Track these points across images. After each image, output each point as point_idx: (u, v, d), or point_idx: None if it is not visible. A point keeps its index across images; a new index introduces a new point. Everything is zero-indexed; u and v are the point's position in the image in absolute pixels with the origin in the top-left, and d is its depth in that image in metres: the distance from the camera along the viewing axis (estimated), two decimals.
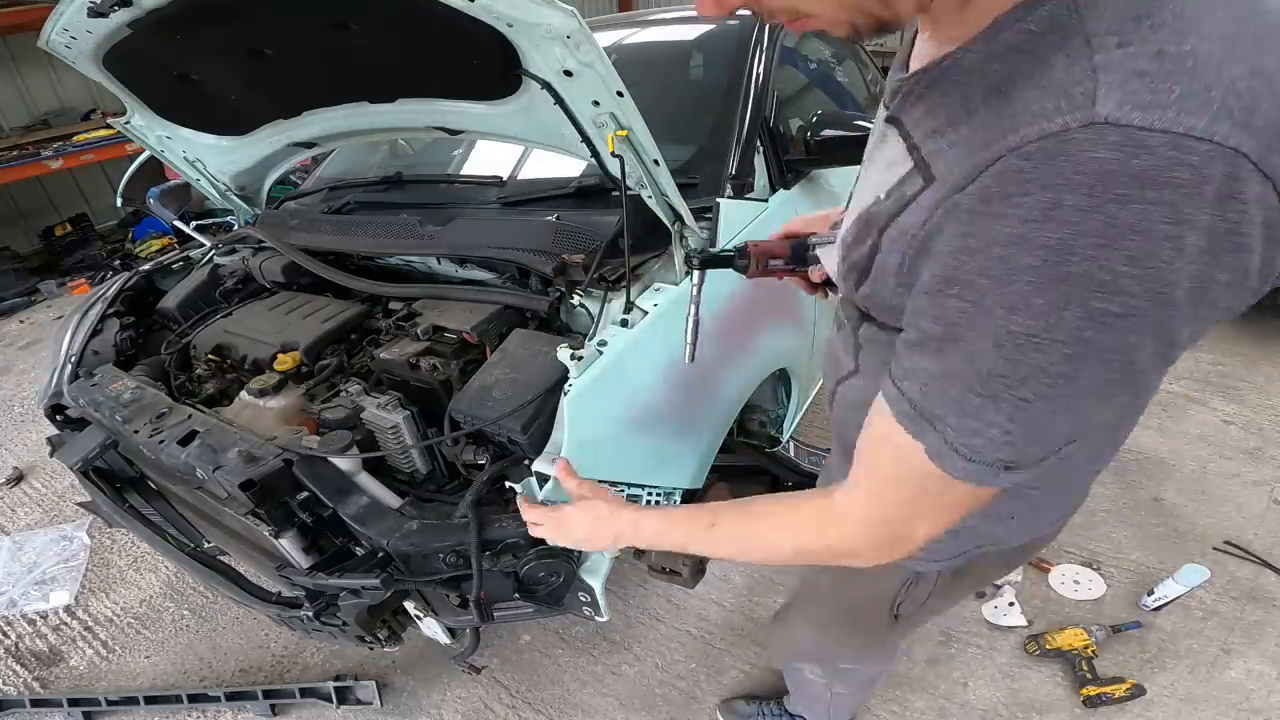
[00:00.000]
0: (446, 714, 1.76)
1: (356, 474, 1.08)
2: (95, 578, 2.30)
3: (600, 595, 1.09)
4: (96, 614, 2.16)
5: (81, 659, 2.02)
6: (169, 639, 2.05)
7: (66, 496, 2.69)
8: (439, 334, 1.25)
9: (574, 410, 0.97)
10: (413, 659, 1.89)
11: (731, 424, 1.34)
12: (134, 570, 2.31)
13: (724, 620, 1.94)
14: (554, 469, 0.86)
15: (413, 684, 1.83)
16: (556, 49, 0.96)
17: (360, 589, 1.01)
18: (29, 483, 2.79)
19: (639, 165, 1.10)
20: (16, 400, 3.44)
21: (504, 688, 1.81)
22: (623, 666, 1.84)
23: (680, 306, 1.10)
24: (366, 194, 1.77)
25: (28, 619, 2.17)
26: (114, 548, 2.40)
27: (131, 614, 2.15)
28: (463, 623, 1.22)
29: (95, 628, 2.12)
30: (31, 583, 2.31)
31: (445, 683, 1.83)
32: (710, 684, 1.77)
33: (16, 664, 2.02)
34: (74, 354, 1.54)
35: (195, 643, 2.03)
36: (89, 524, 2.51)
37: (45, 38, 1.29)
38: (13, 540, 2.48)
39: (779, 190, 1.55)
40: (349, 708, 1.78)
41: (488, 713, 1.76)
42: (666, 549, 0.77)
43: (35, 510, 2.63)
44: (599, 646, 1.90)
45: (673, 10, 2.16)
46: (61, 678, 1.98)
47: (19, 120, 4.83)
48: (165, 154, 1.73)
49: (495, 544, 1.00)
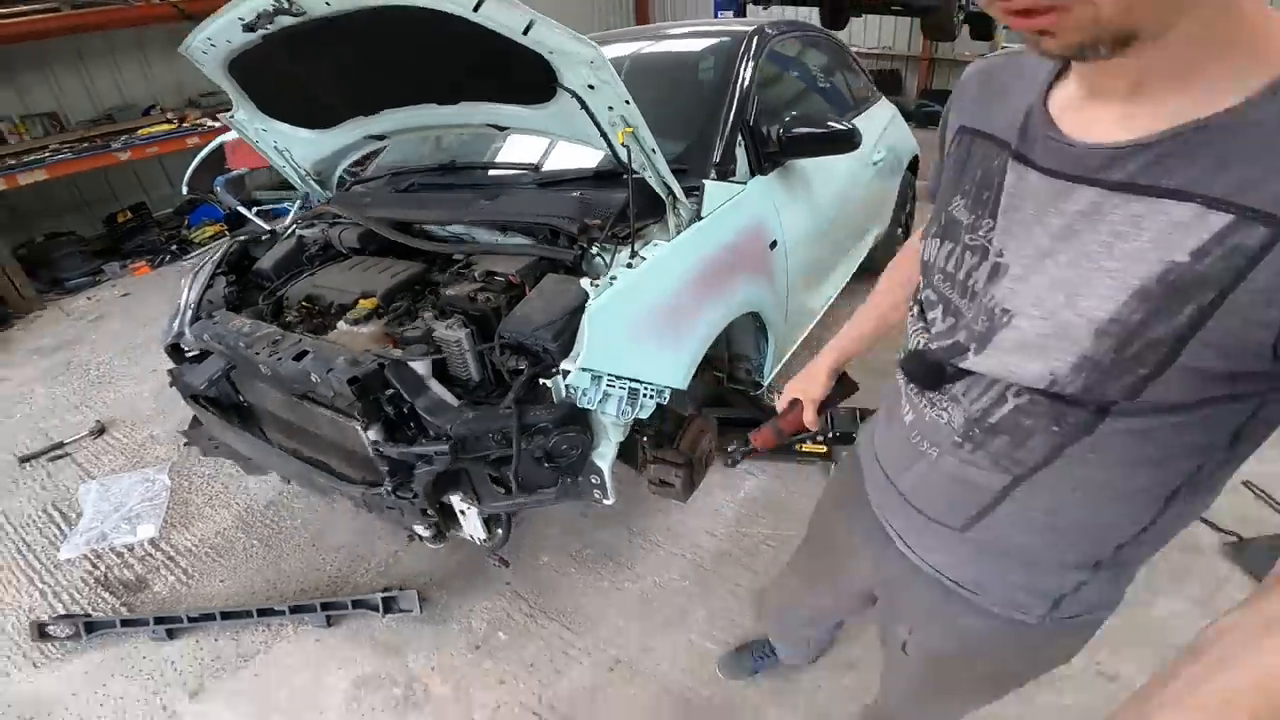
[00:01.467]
0: (474, 621, 2.00)
1: (428, 378, 1.45)
2: (175, 514, 2.54)
3: (608, 478, 1.45)
4: (177, 545, 2.41)
5: (164, 585, 2.24)
6: (240, 565, 2.30)
7: (146, 445, 2.96)
8: (490, 277, 1.62)
9: (592, 322, 1.35)
10: (446, 577, 2.15)
11: (708, 350, 1.70)
12: (209, 507, 2.57)
13: (714, 547, 2.18)
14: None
15: (446, 597, 2.08)
16: (583, 70, 1.35)
17: (433, 455, 1.38)
18: (110, 434, 3.09)
19: (641, 154, 1.47)
20: (91, 365, 3.76)
21: (523, 599, 2.06)
22: (625, 583, 2.09)
23: (669, 255, 1.48)
24: (426, 177, 2.16)
25: (116, 551, 2.39)
26: (191, 488, 2.67)
27: (208, 545, 2.39)
28: (500, 506, 1.58)
29: (176, 557, 2.35)
30: (120, 519, 2.53)
31: (474, 596, 2.08)
32: (699, 599, 2.01)
33: (106, 592, 2.23)
34: (192, 303, 1.92)
35: (263, 568, 2.27)
36: (169, 467, 2.77)
37: (187, 45, 1.65)
38: (100, 483, 2.73)
39: (757, 175, 1.93)
40: (393, 616, 2.00)
41: (509, 620, 1.99)
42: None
43: (118, 458, 2.91)
44: (605, 566, 2.15)
45: (677, 26, 2.55)
46: (146, 602, 2.18)
47: (85, 115, 5.19)
48: (259, 144, 2.09)
49: (530, 427, 1.37)
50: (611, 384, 1.37)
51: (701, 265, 1.65)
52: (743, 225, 1.85)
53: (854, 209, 2.69)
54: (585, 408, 1.38)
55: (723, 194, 1.79)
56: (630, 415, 1.43)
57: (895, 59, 8.27)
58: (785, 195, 2.07)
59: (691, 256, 1.65)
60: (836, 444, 2.38)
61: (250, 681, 1.89)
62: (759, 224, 1.92)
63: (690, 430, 1.73)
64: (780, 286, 2.02)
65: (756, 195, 1.93)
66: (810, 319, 2.55)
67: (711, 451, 1.77)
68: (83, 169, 4.62)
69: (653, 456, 1.70)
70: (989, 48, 7.32)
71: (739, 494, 2.42)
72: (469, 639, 1.95)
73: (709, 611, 1.98)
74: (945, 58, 7.96)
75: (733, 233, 1.80)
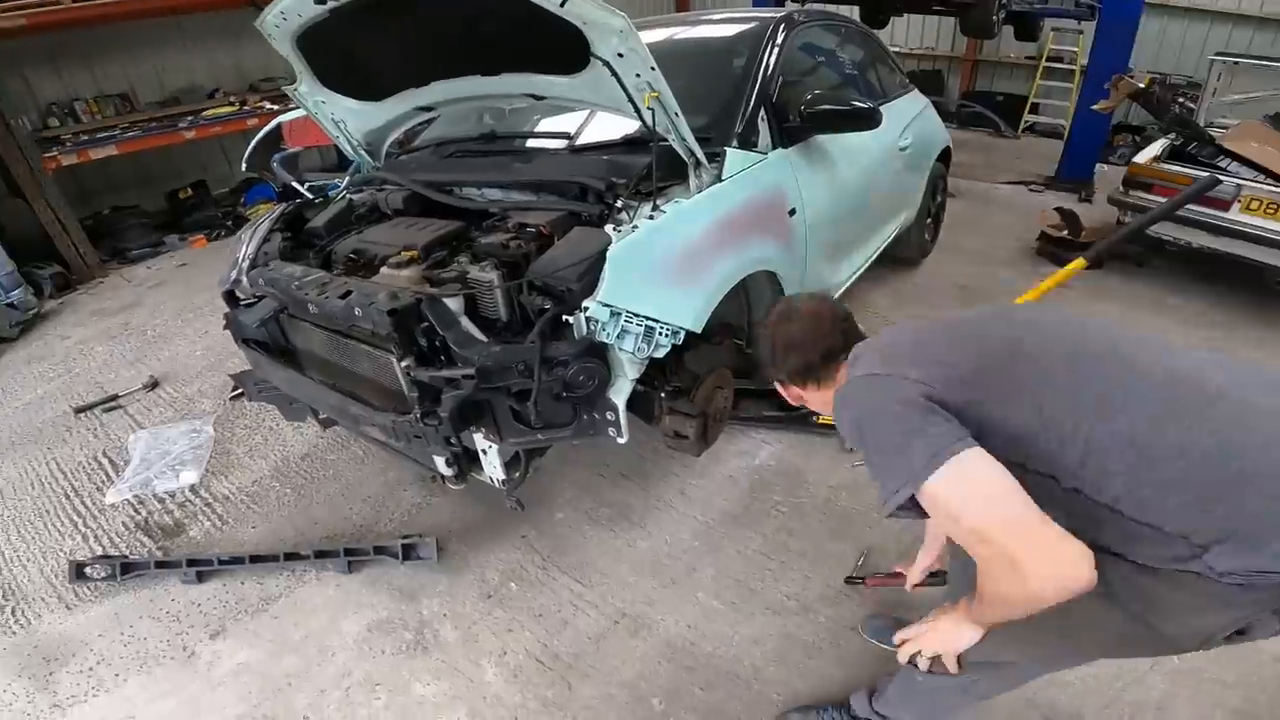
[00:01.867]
0: (488, 572, 2.07)
1: (459, 315, 1.57)
2: (217, 463, 2.67)
3: (622, 415, 1.55)
4: (216, 492, 2.52)
5: (200, 530, 2.34)
6: (272, 512, 2.40)
7: (194, 399, 3.15)
8: (522, 228, 1.74)
9: (613, 262, 1.46)
10: (465, 530, 2.23)
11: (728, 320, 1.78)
12: (249, 457, 2.70)
13: (725, 510, 2.24)
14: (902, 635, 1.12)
15: (464, 548, 2.16)
16: (614, 39, 1.48)
17: (460, 379, 1.49)
18: (163, 388, 3.29)
19: (665, 117, 1.57)
20: (149, 326, 4.01)
21: (537, 553, 2.13)
22: (638, 541, 2.15)
23: (689, 208, 1.63)
24: (467, 146, 2.30)
25: (158, 497, 2.51)
26: (234, 439, 2.82)
27: (244, 492, 2.50)
28: (521, 442, 1.68)
29: (214, 504, 2.46)
30: (165, 466, 2.66)
31: (490, 548, 2.16)
32: (708, 558, 2.06)
33: (145, 536, 2.33)
34: (250, 255, 2.07)
35: (294, 516, 2.37)
36: (215, 419, 2.94)
37: (262, 19, 1.80)
38: (149, 432, 2.90)
39: (779, 148, 2.03)
40: (411, 564, 2.08)
41: (522, 571, 2.06)
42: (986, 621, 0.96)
43: (168, 410, 3.10)
44: (619, 524, 2.21)
45: (714, 12, 2.66)
46: (181, 546, 2.27)
47: (153, 96, 5.53)
48: (317, 115, 2.24)
49: (551, 360, 1.47)
50: (629, 320, 1.47)
51: (719, 220, 1.76)
52: (761, 190, 1.95)
53: (879, 191, 2.76)
54: (604, 342, 1.48)
55: (743, 161, 1.91)
56: (646, 353, 1.53)
57: (938, 59, 8.23)
58: (807, 169, 2.17)
59: (710, 211, 1.75)
60: None
61: (269, 623, 1.96)
62: (778, 191, 2.02)
63: (706, 384, 1.81)
64: (798, 253, 2.11)
65: (777, 165, 2.03)
66: (832, 293, 2.61)
67: (727, 407, 1.84)
68: (149, 146, 4.96)
69: (668, 408, 1.79)
70: (1035, 48, 7.24)
71: (754, 461, 2.48)
72: (482, 588, 2.02)
73: (717, 571, 2.03)
74: (989, 59, 7.90)
75: (751, 195, 1.90)
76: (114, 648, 1.93)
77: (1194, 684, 1.64)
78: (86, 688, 1.82)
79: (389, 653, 1.85)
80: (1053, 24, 6.95)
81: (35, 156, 4.47)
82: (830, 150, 2.30)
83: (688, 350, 1.79)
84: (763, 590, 1.96)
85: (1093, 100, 4.54)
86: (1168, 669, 1.67)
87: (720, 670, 1.75)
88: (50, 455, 2.86)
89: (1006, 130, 7.33)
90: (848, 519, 2.19)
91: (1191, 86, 6.43)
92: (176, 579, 2.12)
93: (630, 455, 2.50)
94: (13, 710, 1.78)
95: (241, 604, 2.04)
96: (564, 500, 2.35)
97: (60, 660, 1.91)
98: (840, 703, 1.54)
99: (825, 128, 2.04)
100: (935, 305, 3.59)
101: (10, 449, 2.94)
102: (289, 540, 2.26)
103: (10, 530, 2.44)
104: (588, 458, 2.53)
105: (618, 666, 1.77)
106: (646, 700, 1.69)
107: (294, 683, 1.79)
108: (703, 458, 2.31)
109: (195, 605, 2.04)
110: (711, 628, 1.86)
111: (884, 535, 2.11)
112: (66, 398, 3.29)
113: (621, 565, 2.07)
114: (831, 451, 2.48)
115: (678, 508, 2.29)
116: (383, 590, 2.04)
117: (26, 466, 2.81)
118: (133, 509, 2.48)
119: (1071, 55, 7.03)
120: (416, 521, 2.31)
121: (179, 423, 2.97)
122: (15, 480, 2.72)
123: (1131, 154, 4.24)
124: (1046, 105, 7.39)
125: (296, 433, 2.83)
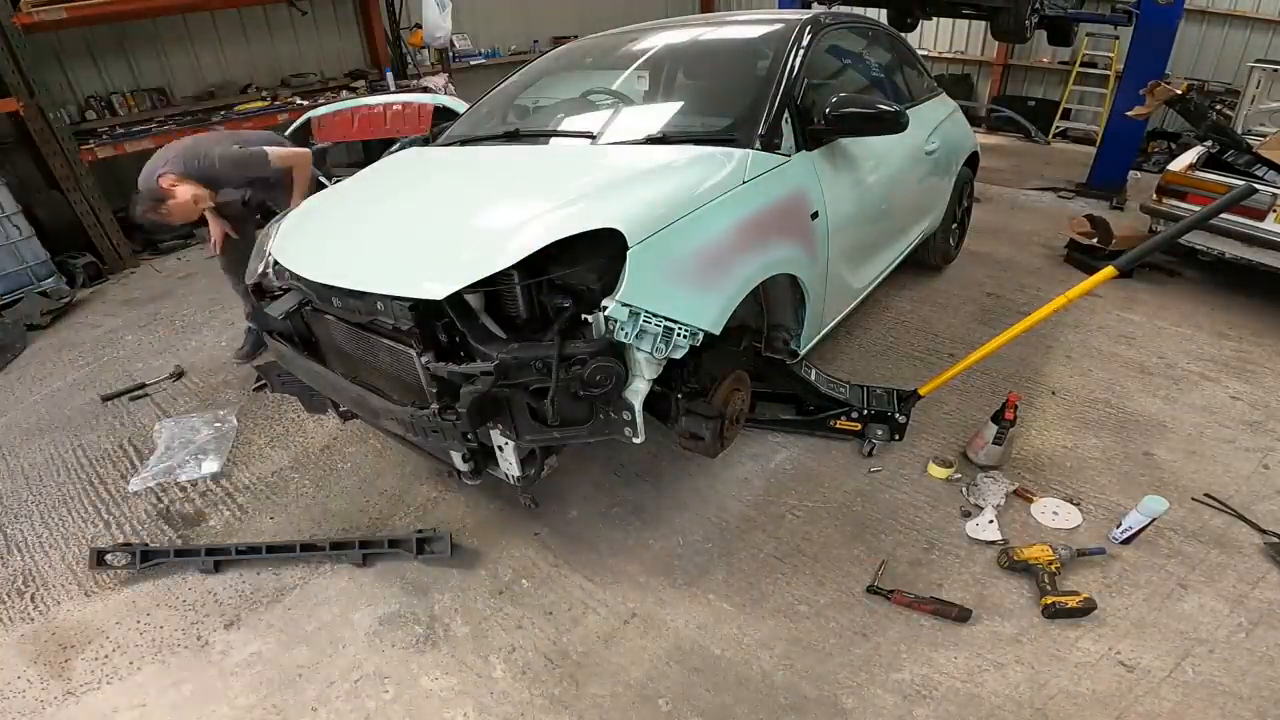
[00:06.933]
0: (501, 568, 2.08)
1: (480, 311, 1.57)
2: (238, 454, 2.71)
3: (638, 415, 1.54)
4: (237, 482, 2.55)
5: (220, 520, 2.36)
6: (291, 503, 2.42)
7: (219, 390, 3.19)
8: None
9: (632, 262, 1.46)
10: (479, 526, 2.24)
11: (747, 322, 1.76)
12: (270, 448, 2.74)
13: (740, 512, 2.23)
14: None
15: (477, 544, 2.17)
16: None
17: (478, 374, 1.49)
18: (188, 378, 3.35)
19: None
20: (177, 317, 4.08)
21: (550, 551, 2.13)
22: (650, 541, 2.14)
23: (711, 210, 1.64)
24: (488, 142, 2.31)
25: (180, 486, 2.54)
26: (256, 429, 2.86)
27: (264, 483, 2.53)
28: (537, 440, 1.68)
29: (235, 494, 2.49)
30: (188, 455, 2.70)
31: (503, 544, 2.16)
32: (721, 560, 2.04)
33: (165, 524, 2.36)
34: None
35: (311, 507, 2.39)
36: (238, 409, 2.97)
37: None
38: (174, 421, 2.94)
39: (802, 150, 2.01)
40: (424, 558, 2.09)
41: (534, 568, 2.07)
42: None
43: (193, 400, 3.15)
44: (631, 524, 2.21)
45: (740, 14, 2.65)
46: (200, 535, 2.29)
47: (189, 90, 5.63)
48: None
49: (569, 358, 1.47)
50: (648, 320, 1.46)
51: (740, 222, 1.74)
52: (784, 192, 1.93)
53: (904, 196, 2.72)
54: (622, 341, 1.47)
55: (766, 163, 1.88)
56: (665, 353, 1.51)
57: (968, 64, 8.12)
58: (830, 172, 2.14)
59: (731, 213, 1.73)
60: (870, 422, 2.40)
61: (282, 614, 1.98)
62: (801, 194, 1.99)
63: (724, 386, 1.80)
64: (820, 256, 2.08)
65: (800, 168, 2.01)
66: (852, 297, 2.59)
67: (744, 409, 1.82)
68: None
69: (685, 409, 1.78)
70: (1069, 53, 7.11)
71: (769, 464, 2.46)
72: (494, 584, 2.03)
73: (729, 573, 2.01)
74: (1020, 64, 7.77)
75: (773, 197, 1.88)
76: (130, 636, 1.95)
77: (1207, 696, 1.61)
78: (101, 675, 1.84)
79: (399, 646, 1.86)
80: (1087, 29, 6.83)
81: (73, 149, 4.56)
82: (854, 153, 2.27)
83: (706, 351, 1.77)
84: (774, 593, 1.94)
85: (1127, 106, 4.44)
86: (1181, 680, 1.64)
87: (729, 673, 1.73)
88: (77, 441, 2.92)
89: (1037, 135, 7.23)
90: (862, 524, 2.17)
91: (1229, 93, 6.28)
92: (194, 568, 2.15)
93: (645, 455, 2.50)
94: (25, 698, 1.79)
95: (257, 594, 2.06)
96: (578, 498, 2.35)
97: (76, 647, 1.92)
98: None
99: (849, 130, 2.01)
100: (958, 312, 3.55)
101: (38, 434, 3.00)
102: (306, 531, 2.29)
103: (35, 517, 2.48)
104: (603, 456, 2.52)
105: (626, 666, 1.77)
106: (653, 701, 1.68)
107: (304, 674, 1.81)
108: (718, 459, 2.33)
109: (211, 595, 2.07)
110: (722, 630, 1.85)
111: (899, 541, 2.08)
112: (95, 385, 3.36)
113: (634, 565, 2.07)
114: (847, 456, 2.46)
115: (691, 508, 2.28)
116: (395, 583, 2.06)
117: (53, 452, 2.86)
118: (155, 497, 2.52)
119: (1106, 60, 6.90)
120: (431, 516, 2.33)
121: (203, 412, 3.02)
122: (42, 466, 2.77)
123: (1166, 161, 4.15)
124: (1079, 111, 7.28)
125: (317, 425, 2.87)
